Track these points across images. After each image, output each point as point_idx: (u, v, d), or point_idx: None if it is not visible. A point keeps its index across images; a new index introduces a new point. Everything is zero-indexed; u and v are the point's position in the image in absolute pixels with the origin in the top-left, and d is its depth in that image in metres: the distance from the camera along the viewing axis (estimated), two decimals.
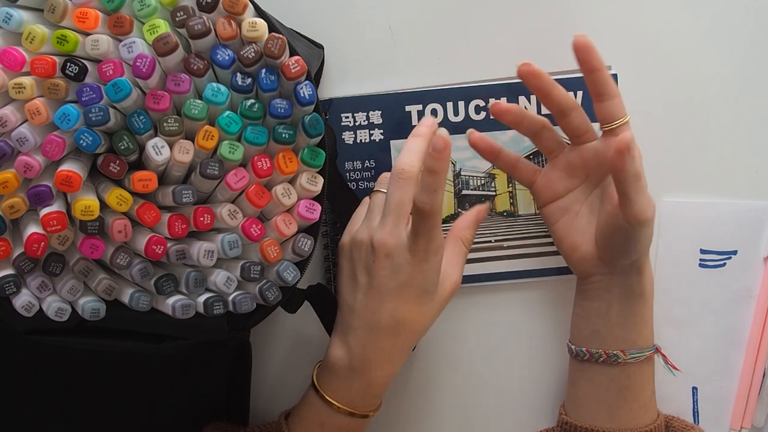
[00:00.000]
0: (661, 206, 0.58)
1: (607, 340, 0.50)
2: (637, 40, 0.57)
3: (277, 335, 0.58)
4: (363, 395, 0.48)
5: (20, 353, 0.51)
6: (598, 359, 0.51)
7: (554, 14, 0.57)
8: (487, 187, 0.57)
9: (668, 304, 0.58)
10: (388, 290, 0.46)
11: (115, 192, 0.41)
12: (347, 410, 0.48)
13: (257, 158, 0.43)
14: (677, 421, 0.55)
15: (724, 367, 0.58)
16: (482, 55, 0.57)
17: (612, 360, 0.50)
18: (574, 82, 0.55)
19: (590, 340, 0.52)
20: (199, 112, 0.41)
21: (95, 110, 0.40)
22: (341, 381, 0.48)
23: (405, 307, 0.46)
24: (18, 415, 0.52)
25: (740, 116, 0.57)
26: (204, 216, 0.43)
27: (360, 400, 0.48)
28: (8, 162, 0.40)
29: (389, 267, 0.46)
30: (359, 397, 0.48)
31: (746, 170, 0.58)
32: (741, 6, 0.57)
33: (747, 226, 0.57)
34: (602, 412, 0.51)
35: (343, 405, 0.48)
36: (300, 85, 0.43)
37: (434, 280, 0.47)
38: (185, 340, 0.46)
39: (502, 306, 0.58)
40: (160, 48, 0.40)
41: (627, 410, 0.51)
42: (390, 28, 0.56)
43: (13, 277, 0.41)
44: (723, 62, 0.57)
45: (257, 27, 0.41)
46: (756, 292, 0.57)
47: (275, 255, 0.45)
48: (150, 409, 0.53)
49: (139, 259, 0.43)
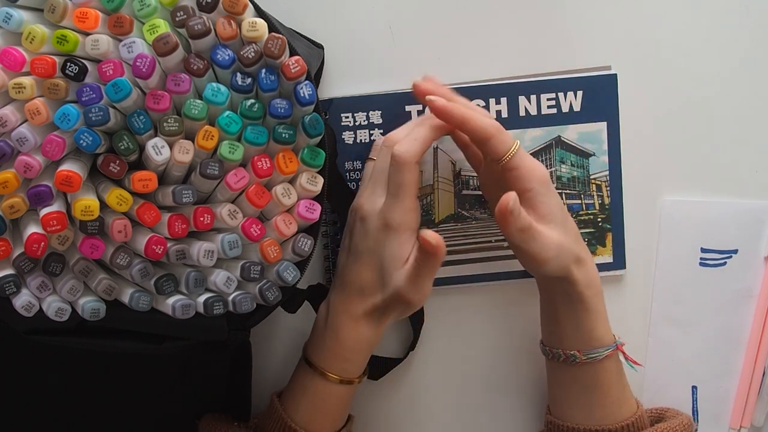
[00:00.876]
0: (662, 205, 0.58)
1: (563, 341, 0.51)
2: (637, 40, 0.57)
3: (277, 335, 0.58)
4: (334, 356, 0.49)
5: (20, 353, 0.51)
6: (559, 359, 0.51)
7: (554, 14, 0.56)
8: None
9: (668, 303, 0.58)
10: (358, 252, 0.49)
11: (115, 192, 0.41)
12: (320, 369, 0.49)
13: (257, 158, 0.43)
14: (671, 411, 0.55)
15: (724, 366, 0.58)
16: (482, 55, 0.57)
17: (571, 360, 0.50)
18: (574, 81, 0.56)
19: (551, 340, 0.52)
20: (199, 112, 0.41)
21: (95, 110, 0.40)
22: (318, 339, 0.50)
23: (368, 273, 0.48)
24: (18, 415, 0.52)
25: (740, 116, 0.57)
26: (204, 216, 0.43)
27: (332, 362, 0.49)
28: (8, 162, 0.40)
29: (362, 230, 0.49)
30: (331, 357, 0.49)
31: (747, 170, 0.58)
32: (741, 6, 0.57)
33: (748, 226, 0.57)
34: (578, 410, 0.52)
35: (319, 365, 0.49)
36: (300, 85, 0.43)
37: (390, 258, 0.47)
38: (185, 340, 0.46)
39: (503, 305, 0.58)
40: (160, 48, 0.40)
41: (600, 407, 0.51)
42: (390, 28, 0.56)
43: (13, 277, 0.41)
44: (723, 62, 0.57)
45: (257, 27, 0.41)
46: (756, 292, 0.57)
47: (275, 255, 0.45)
48: (150, 409, 0.53)
49: (139, 259, 0.43)
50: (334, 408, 0.51)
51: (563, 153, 0.57)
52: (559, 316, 0.50)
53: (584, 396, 0.51)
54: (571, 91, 0.56)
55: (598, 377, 0.50)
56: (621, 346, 0.51)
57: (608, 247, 0.57)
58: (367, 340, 0.49)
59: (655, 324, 0.58)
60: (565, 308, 0.50)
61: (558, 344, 0.51)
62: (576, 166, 0.57)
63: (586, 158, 0.57)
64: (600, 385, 0.50)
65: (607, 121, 0.56)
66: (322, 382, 0.49)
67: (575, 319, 0.50)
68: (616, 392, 0.51)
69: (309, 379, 0.50)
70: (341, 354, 0.49)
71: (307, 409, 0.50)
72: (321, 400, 0.50)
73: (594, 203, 0.57)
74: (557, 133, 0.56)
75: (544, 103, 0.56)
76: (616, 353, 0.51)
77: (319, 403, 0.50)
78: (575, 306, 0.49)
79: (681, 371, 0.58)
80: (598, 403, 0.51)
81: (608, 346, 0.50)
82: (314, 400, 0.50)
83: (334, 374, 0.49)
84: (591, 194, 0.57)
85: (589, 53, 0.56)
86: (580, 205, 0.57)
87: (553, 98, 0.56)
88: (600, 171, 0.57)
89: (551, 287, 0.50)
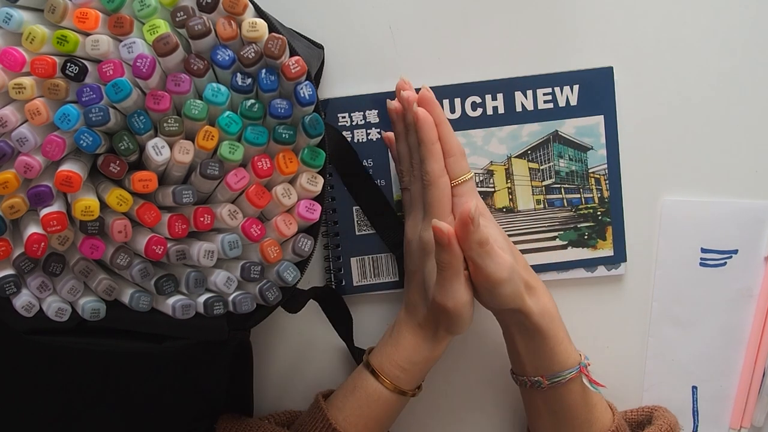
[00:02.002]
0: (662, 205, 0.58)
1: (527, 368, 0.51)
2: (637, 39, 0.57)
3: (279, 335, 0.58)
4: (390, 361, 0.51)
5: (20, 353, 0.51)
6: (526, 385, 0.51)
7: (553, 14, 0.56)
8: (486, 183, 0.57)
9: (669, 303, 0.58)
10: (408, 273, 0.52)
11: (115, 192, 0.41)
12: (376, 371, 0.50)
13: (257, 158, 0.43)
14: (660, 410, 0.55)
15: (724, 366, 0.58)
16: (481, 55, 0.57)
17: (537, 386, 0.50)
18: (570, 75, 0.56)
19: (516, 368, 0.53)
20: (199, 113, 0.41)
21: (95, 110, 0.40)
22: (382, 344, 0.52)
23: (415, 291, 0.51)
24: (18, 415, 0.52)
25: (740, 116, 0.57)
26: (204, 216, 0.43)
27: (387, 365, 0.51)
28: (8, 162, 0.40)
29: (408, 252, 0.52)
30: (387, 361, 0.51)
31: (746, 170, 0.58)
32: (741, 6, 0.57)
33: (748, 226, 0.57)
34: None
35: (375, 366, 0.51)
36: (300, 86, 0.43)
37: (429, 274, 0.49)
38: (185, 340, 0.46)
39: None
40: (160, 48, 0.40)
41: (570, 428, 0.51)
42: (390, 28, 0.56)
43: (14, 277, 0.41)
44: (723, 62, 0.57)
45: (257, 27, 0.41)
46: (756, 292, 0.57)
47: (275, 255, 0.45)
48: (150, 409, 0.53)
49: (139, 260, 0.43)
50: (379, 415, 0.51)
51: (561, 147, 0.57)
52: (518, 346, 0.51)
53: (554, 419, 0.52)
54: (567, 86, 0.56)
55: (564, 400, 0.50)
56: (584, 369, 0.51)
57: (608, 241, 0.57)
58: (423, 353, 0.50)
59: (656, 324, 0.58)
60: (523, 338, 0.50)
61: (522, 372, 0.52)
62: (574, 161, 0.57)
63: (584, 152, 0.57)
64: (567, 408, 0.51)
65: (604, 115, 0.56)
66: (374, 384, 0.50)
67: (534, 347, 0.50)
68: (585, 413, 0.51)
69: (362, 378, 0.51)
70: (397, 361, 0.50)
71: (352, 410, 0.50)
72: (368, 404, 0.50)
73: (593, 197, 0.57)
74: (554, 128, 0.56)
75: (540, 98, 0.56)
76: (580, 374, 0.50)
77: (366, 405, 0.50)
78: (533, 335, 0.49)
79: (681, 371, 0.58)
80: (567, 424, 0.51)
81: (571, 369, 0.50)
82: (361, 402, 0.50)
83: (388, 379, 0.50)
84: (590, 188, 0.57)
85: (588, 52, 0.56)
86: (580, 199, 0.57)
87: (550, 93, 0.56)
88: (598, 165, 0.57)
89: (507, 320, 0.51)
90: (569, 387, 0.50)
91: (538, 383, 0.50)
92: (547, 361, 0.50)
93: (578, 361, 0.50)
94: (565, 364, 0.50)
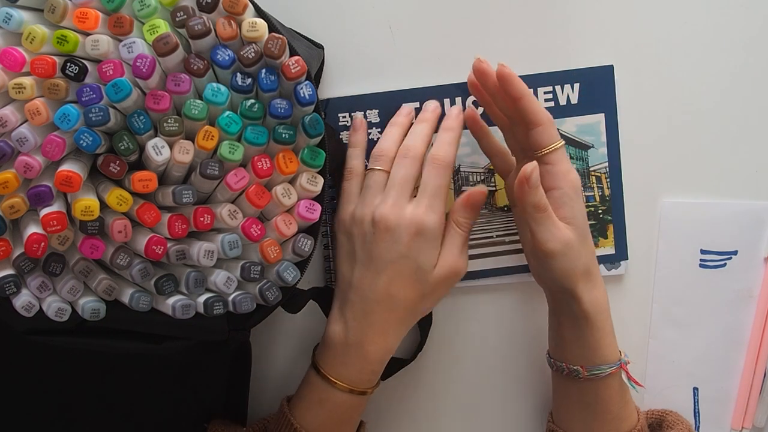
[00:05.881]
0: (662, 206, 0.58)
1: (567, 355, 0.51)
2: (637, 39, 0.57)
3: (278, 336, 0.58)
4: (359, 371, 0.49)
5: (20, 353, 0.51)
6: (563, 372, 0.51)
7: (553, 13, 0.56)
8: (487, 182, 0.57)
9: (668, 304, 0.58)
10: (384, 263, 0.48)
11: (115, 192, 0.41)
12: (345, 386, 0.49)
13: (257, 158, 0.43)
14: (671, 414, 0.55)
15: (725, 367, 0.58)
16: (482, 54, 0.56)
17: (574, 375, 0.50)
18: (571, 74, 0.56)
19: (556, 353, 0.52)
20: (199, 113, 0.41)
21: (95, 110, 0.40)
22: (338, 356, 0.49)
23: (400, 281, 0.48)
24: (18, 416, 0.52)
25: (740, 116, 0.57)
26: (204, 216, 0.43)
27: (356, 376, 0.49)
28: (8, 162, 0.40)
29: (389, 240, 0.48)
30: (355, 373, 0.49)
31: (746, 170, 0.58)
32: (741, 6, 0.56)
33: (747, 227, 0.57)
34: (579, 423, 0.52)
35: (340, 381, 0.49)
36: (300, 86, 0.43)
37: (429, 257, 0.48)
38: (185, 340, 0.46)
39: (505, 302, 0.58)
40: (160, 48, 0.40)
41: (601, 422, 0.51)
42: (390, 28, 0.56)
43: (13, 277, 0.41)
44: (723, 62, 0.57)
45: (257, 27, 0.41)
46: (756, 293, 0.57)
47: (275, 255, 0.45)
48: (149, 409, 0.53)
49: (139, 260, 0.43)
50: (350, 417, 0.51)
51: None
52: (563, 331, 0.50)
53: (585, 411, 0.51)
54: (568, 84, 0.56)
55: (600, 394, 0.50)
56: (625, 365, 0.51)
57: (610, 239, 0.57)
58: (393, 349, 0.50)
59: (656, 325, 0.58)
60: (570, 324, 0.50)
61: (562, 358, 0.51)
62: (575, 159, 0.57)
63: (585, 150, 0.57)
64: (602, 402, 0.50)
65: (605, 113, 0.56)
66: (343, 396, 0.49)
67: (579, 335, 0.49)
68: (618, 409, 0.51)
69: (327, 392, 0.49)
70: (368, 368, 0.49)
71: (323, 421, 0.49)
72: (340, 412, 0.50)
73: (594, 195, 0.57)
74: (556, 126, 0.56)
75: (541, 96, 0.56)
76: (620, 370, 0.50)
77: (337, 414, 0.50)
78: (580, 323, 0.49)
79: (682, 373, 0.58)
80: (598, 418, 0.51)
81: (612, 364, 0.50)
82: (332, 413, 0.49)
83: (359, 387, 0.49)
84: (591, 186, 0.57)
85: (589, 51, 0.56)
86: None
87: (550, 91, 0.56)
88: (599, 163, 0.57)
89: (557, 300, 0.50)
90: (607, 382, 0.50)
91: (577, 372, 0.50)
92: (590, 352, 0.49)
93: (619, 357, 0.50)
94: (607, 358, 0.49)
